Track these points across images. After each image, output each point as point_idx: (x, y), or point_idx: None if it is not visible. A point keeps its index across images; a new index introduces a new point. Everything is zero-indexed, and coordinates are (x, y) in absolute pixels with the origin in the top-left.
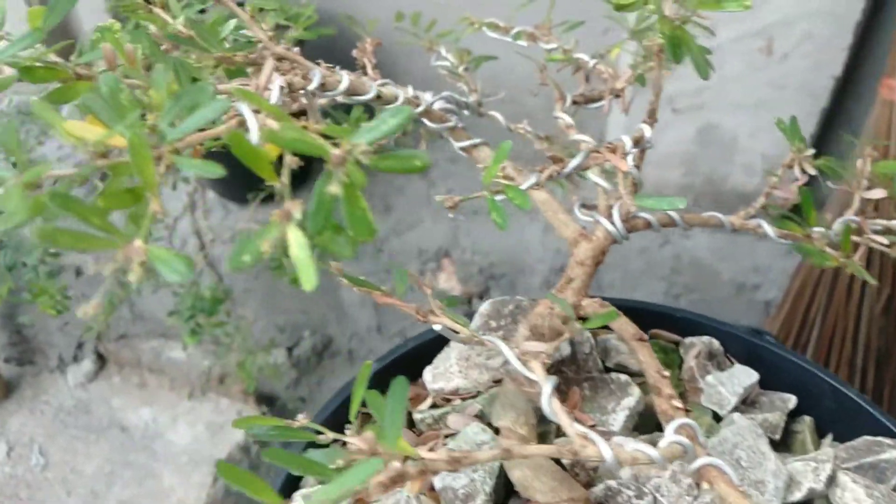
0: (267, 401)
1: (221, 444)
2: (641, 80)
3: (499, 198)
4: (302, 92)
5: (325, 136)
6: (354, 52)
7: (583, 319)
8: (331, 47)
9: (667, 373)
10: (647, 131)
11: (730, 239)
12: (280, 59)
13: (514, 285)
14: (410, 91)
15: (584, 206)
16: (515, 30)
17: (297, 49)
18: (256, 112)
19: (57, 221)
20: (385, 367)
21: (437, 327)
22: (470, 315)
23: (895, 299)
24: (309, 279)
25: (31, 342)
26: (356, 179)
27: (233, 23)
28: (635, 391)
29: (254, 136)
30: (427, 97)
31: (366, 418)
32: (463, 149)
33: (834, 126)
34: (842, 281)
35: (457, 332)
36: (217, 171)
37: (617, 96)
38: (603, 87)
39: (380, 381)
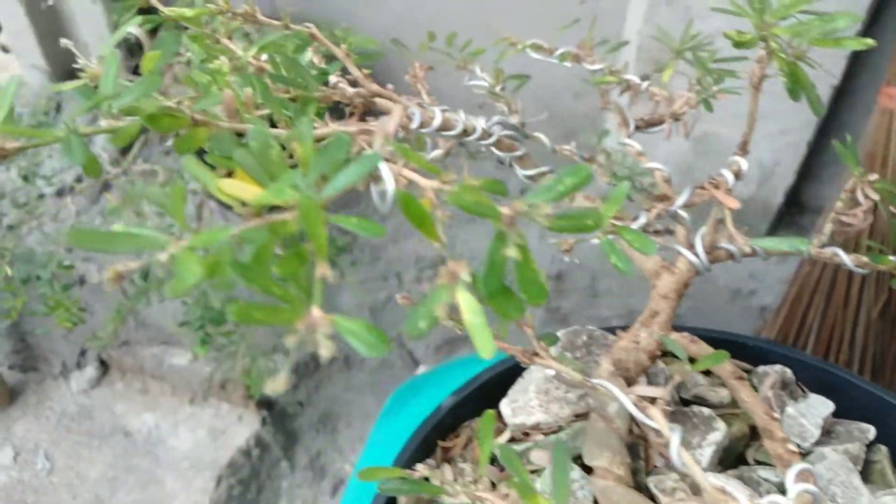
0: (266, 405)
1: (223, 448)
2: (707, 106)
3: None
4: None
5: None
6: (407, 77)
7: (665, 354)
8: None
9: (777, 414)
10: (744, 164)
11: None
12: (374, 95)
13: None
14: (462, 115)
15: (645, 230)
16: (559, 51)
17: (391, 89)
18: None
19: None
20: (463, 399)
21: (549, 372)
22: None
23: (892, 304)
24: (486, 347)
25: (35, 349)
26: (525, 240)
27: (308, 54)
28: (721, 425)
29: (390, 189)
30: (481, 122)
31: None
32: (530, 177)
33: (828, 134)
34: (839, 286)
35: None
36: (379, 231)
37: (676, 119)
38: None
39: (457, 415)
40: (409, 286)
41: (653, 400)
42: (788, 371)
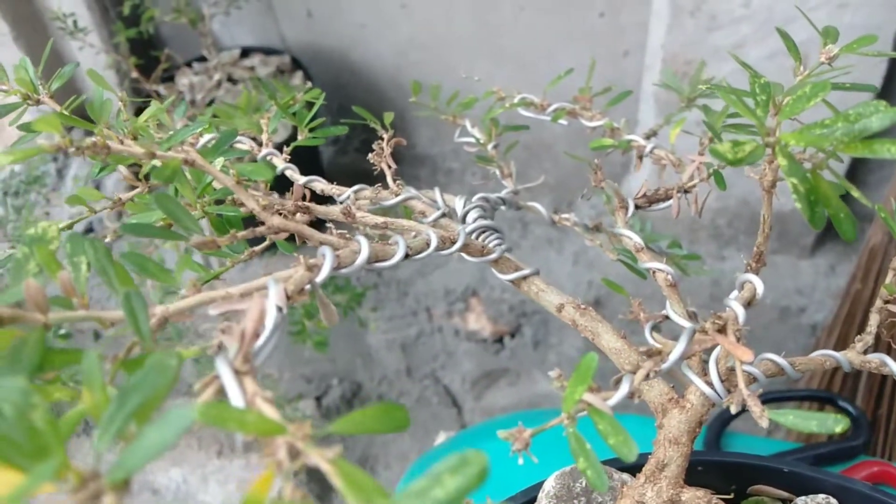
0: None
1: None
2: (720, 182)
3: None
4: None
5: None
6: (371, 157)
7: None
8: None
9: None
10: (759, 285)
11: (768, 260)
12: (277, 232)
13: (547, 322)
14: (440, 198)
15: (656, 328)
16: (553, 106)
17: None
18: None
19: None
20: None
21: None
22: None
23: None
24: None
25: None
26: None
27: (220, 161)
28: None
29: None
30: (457, 204)
31: None
32: (511, 281)
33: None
34: (894, 304)
35: None
36: None
37: (686, 192)
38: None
39: None
40: (440, 321)
41: None
42: (834, 502)
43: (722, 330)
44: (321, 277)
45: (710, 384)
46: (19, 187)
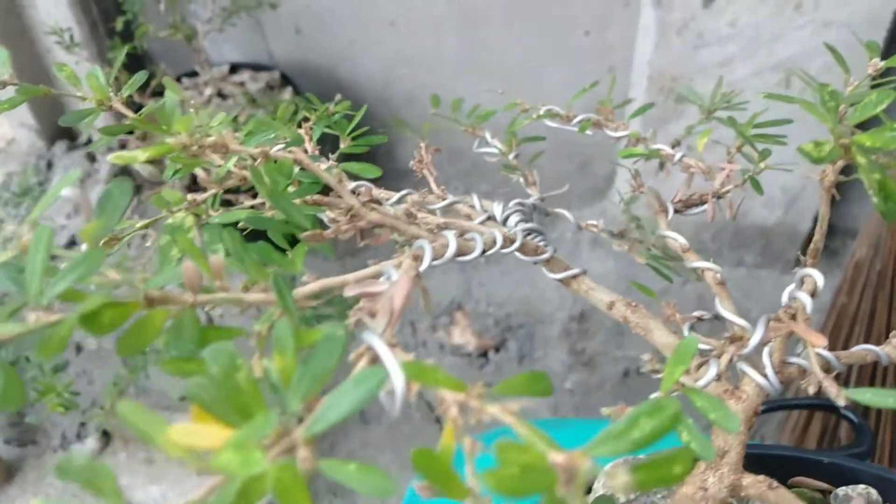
0: None
1: None
2: (757, 188)
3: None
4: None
5: None
6: (412, 164)
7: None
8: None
9: None
10: (819, 278)
11: (752, 274)
12: (376, 226)
13: (533, 336)
14: (477, 203)
15: (694, 328)
16: (578, 118)
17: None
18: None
19: None
20: None
21: None
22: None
23: None
24: None
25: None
26: None
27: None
28: None
29: (399, 390)
30: (496, 209)
31: None
32: (560, 280)
33: None
34: (879, 316)
35: None
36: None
37: (719, 198)
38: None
39: None
40: (425, 335)
41: None
42: (874, 492)
43: (793, 318)
44: (424, 266)
45: (765, 376)
46: (10, 199)
